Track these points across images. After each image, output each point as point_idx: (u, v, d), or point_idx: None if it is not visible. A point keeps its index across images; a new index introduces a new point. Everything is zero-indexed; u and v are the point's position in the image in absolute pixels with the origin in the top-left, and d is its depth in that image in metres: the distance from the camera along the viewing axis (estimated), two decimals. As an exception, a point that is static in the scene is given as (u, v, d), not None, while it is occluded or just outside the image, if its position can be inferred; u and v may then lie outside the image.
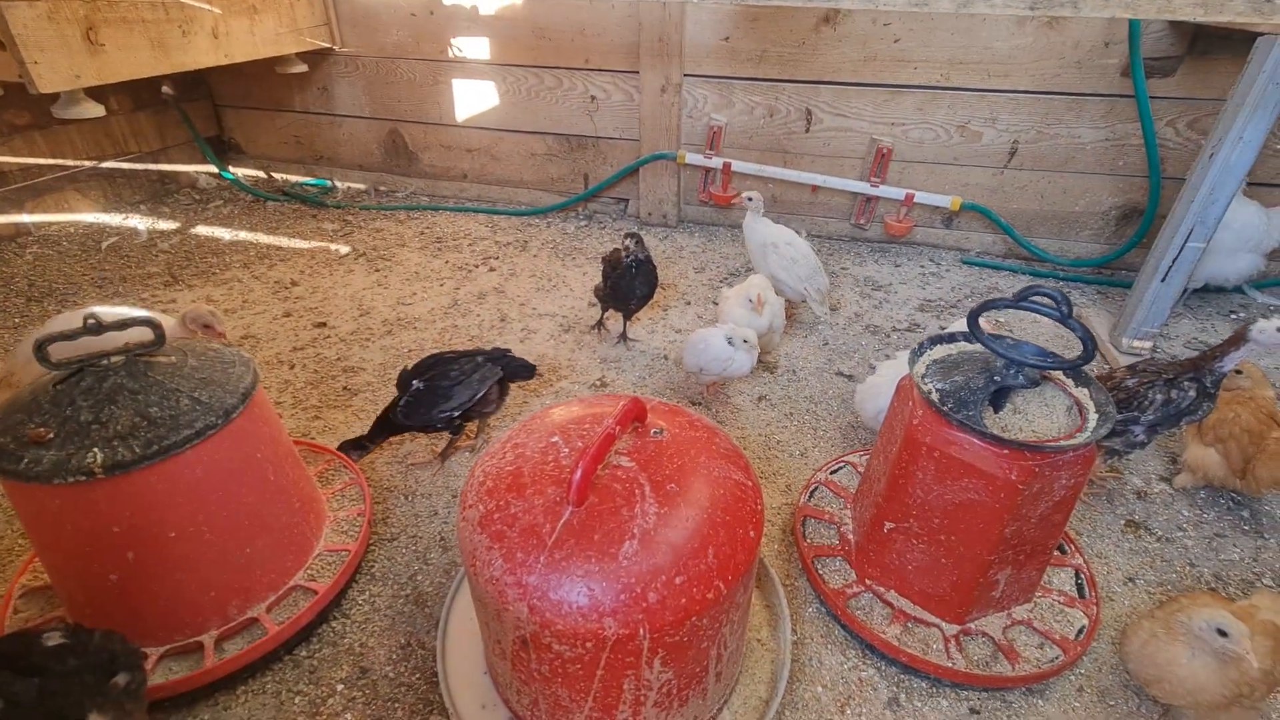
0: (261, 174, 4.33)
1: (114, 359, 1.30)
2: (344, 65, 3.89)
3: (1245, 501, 1.93)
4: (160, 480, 1.24)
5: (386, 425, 1.89)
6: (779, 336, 2.50)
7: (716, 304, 2.54)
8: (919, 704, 1.40)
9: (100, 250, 3.29)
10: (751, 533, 1.14)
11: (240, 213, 3.82)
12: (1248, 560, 1.76)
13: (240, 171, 4.31)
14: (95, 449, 1.18)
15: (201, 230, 3.57)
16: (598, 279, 2.56)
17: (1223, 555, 1.77)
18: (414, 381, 1.85)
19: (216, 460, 1.31)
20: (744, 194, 2.62)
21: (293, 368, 2.45)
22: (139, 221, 3.62)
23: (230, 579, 1.39)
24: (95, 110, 2.77)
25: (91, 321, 1.29)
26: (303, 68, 3.77)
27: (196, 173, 4.16)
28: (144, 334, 1.36)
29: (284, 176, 4.31)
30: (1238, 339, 1.60)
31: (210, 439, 1.29)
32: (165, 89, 3.86)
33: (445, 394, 1.85)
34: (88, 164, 3.59)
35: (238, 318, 2.76)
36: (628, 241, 2.35)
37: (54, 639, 1.04)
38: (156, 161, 3.96)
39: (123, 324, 1.33)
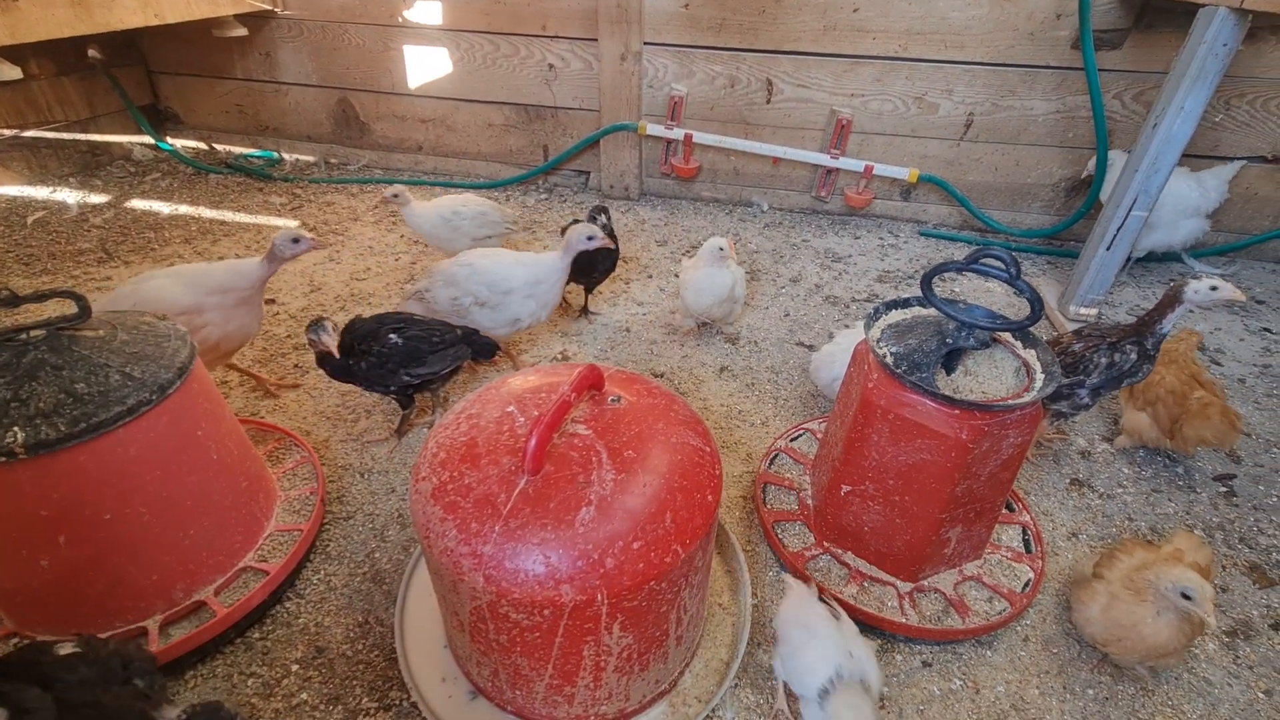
0: (202, 145, 4.10)
1: (33, 333, 1.22)
2: (287, 29, 3.69)
3: (1179, 459, 2.03)
4: (90, 460, 1.18)
5: (343, 366, 1.74)
6: (740, 308, 2.51)
7: (678, 276, 2.52)
8: (874, 659, 1.44)
9: (26, 225, 3.08)
10: (710, 497, 1.14)
11: (180, 186, 3.63)
12: (1181, 513, 1.85)
13: (179, 143, 4.08)
14: (15, 428, 1.11)
15: (138, 204, 3.38)
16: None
17: (1159, 509, 1.86)
18: (391, 336, 1.75)
19: (152, 438, 1.25)
20: (387, 191, 2.57)
21: (240, 346, 2.35)
22: (68, 195, 3.40)
23: (173, 562, 1.34)
24: (12, 73, 2.58)
25: (5, 293, 1.20)
26: (242, 31, 3.56)
27: (131, 143, 3.92)
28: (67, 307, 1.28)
29: (227, 148, 4.10)
30: (1172, 300, 1.66)
31: (144, 416, 1.23)
32: (92, 52, 3.60)
33: (420, 358, 1.78)
34: (8, 133, 3.35)
35: (179, 295, 2.63)
36: (596, 217, 2.33)
37: (65, 648, 0.99)
38: (85, 131, 3.71)
39: (40, 296, 1.24)
